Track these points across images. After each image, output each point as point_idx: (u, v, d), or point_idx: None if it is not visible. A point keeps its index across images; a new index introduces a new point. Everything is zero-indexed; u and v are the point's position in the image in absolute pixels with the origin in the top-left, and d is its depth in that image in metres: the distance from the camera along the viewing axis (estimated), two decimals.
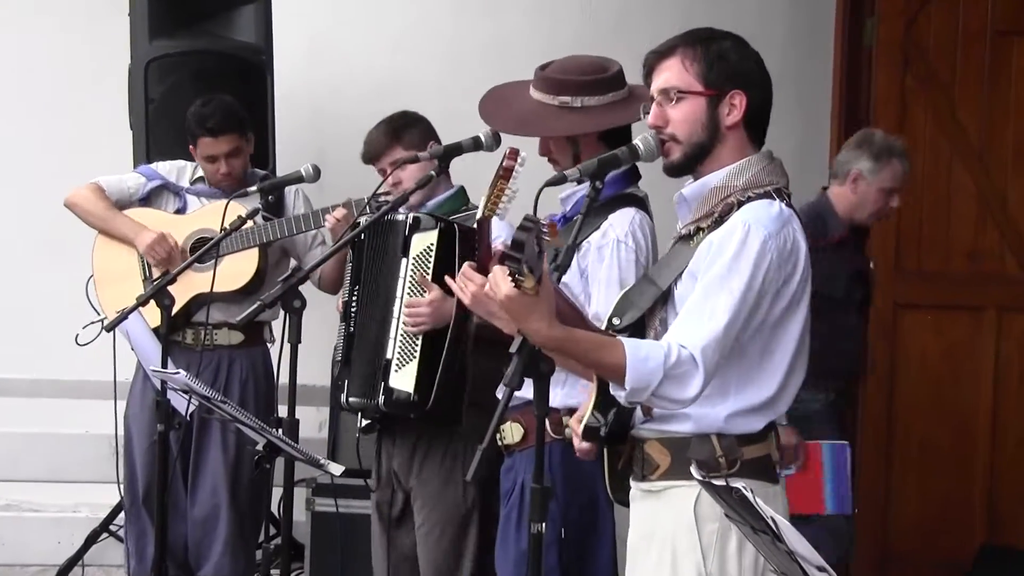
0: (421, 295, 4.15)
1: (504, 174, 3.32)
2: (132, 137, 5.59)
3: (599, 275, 3.69)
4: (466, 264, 3.22)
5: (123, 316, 4.37)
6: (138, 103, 5.52)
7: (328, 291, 5.08)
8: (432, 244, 4.17)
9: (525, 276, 2.57)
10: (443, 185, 4.51)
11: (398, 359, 4.19)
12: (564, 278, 3.75)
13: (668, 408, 2.86)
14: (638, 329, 2.98)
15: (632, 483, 3.05)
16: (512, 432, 3.83)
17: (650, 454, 2.97)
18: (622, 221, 3.72)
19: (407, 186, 4.26)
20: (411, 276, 4.19)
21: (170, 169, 5.23)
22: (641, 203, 3.81)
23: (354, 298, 4.34)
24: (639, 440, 3.00)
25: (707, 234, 2.91)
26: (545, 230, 2.59)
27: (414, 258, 4.19)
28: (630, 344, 2.80)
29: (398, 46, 6.44)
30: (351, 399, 4.28)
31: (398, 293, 4.21)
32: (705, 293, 2.85)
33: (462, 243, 4.18)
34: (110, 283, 5.12)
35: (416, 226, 4.18)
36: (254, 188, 4.52)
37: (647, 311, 2.98)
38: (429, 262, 4.17)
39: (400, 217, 4.22)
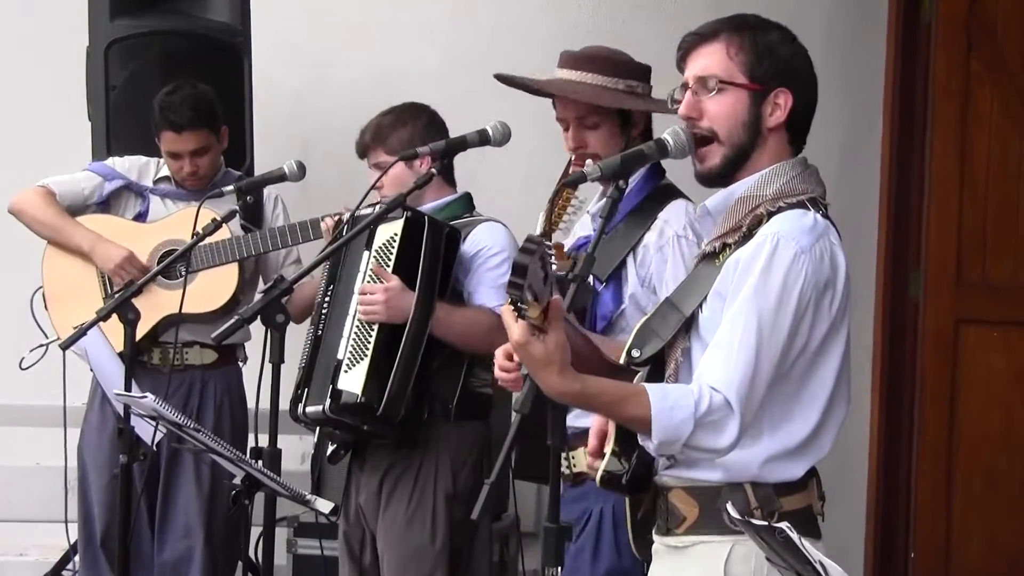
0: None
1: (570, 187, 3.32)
2: (91, 129, 5.60)
3: (665, 277, 3.72)
4: None
5: (81, 332, 4.36)
6: (97, 90, 5.53)
7: (298, 317, 5.07)
8: (396, 234, 4.23)
9: (529, 305, 2.55)
10: (446, 189, 4.54)
11: (349, 358, 4.24)
12: (628, 290, 3.80)
13: (704, 458, 2.86)
14: (659, 361, 2.97)
15: (655, 537, 3.04)
16: (584, 459, 3.82)
17: (675, 504, 2.96)
18: (676, 215, 3.79)
19: (386, 192, 4.31)
20: (371, 269, 4.27)
21: (130, 166, 5.22)
22: (680, 193, 3.85)
23: (327, 299, 4.40)
24: (663, 488, 2.99)
25: (734, 250, 2.91)
26: (551, 251, 2.57)
27: (376, 249, 4.26)
28: (655, 393, 2.80)
29: (392, 27, 6.46)
30: (307, 408, 4.32)
31: (355, 288, 4.28)
32: (733, 320, 2.84)
33: (431, 237, 4.24)
34: (64, 299, 5.11)
35: (382, 215, 4.20)
36: (230, 188, 4.51)
37: (668, 341, 2.97)
38: (391, 253, 4.23)
39: (367, 211, 4.25)
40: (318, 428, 4.50)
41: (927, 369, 6.07)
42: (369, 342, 4.23)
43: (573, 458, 3.86)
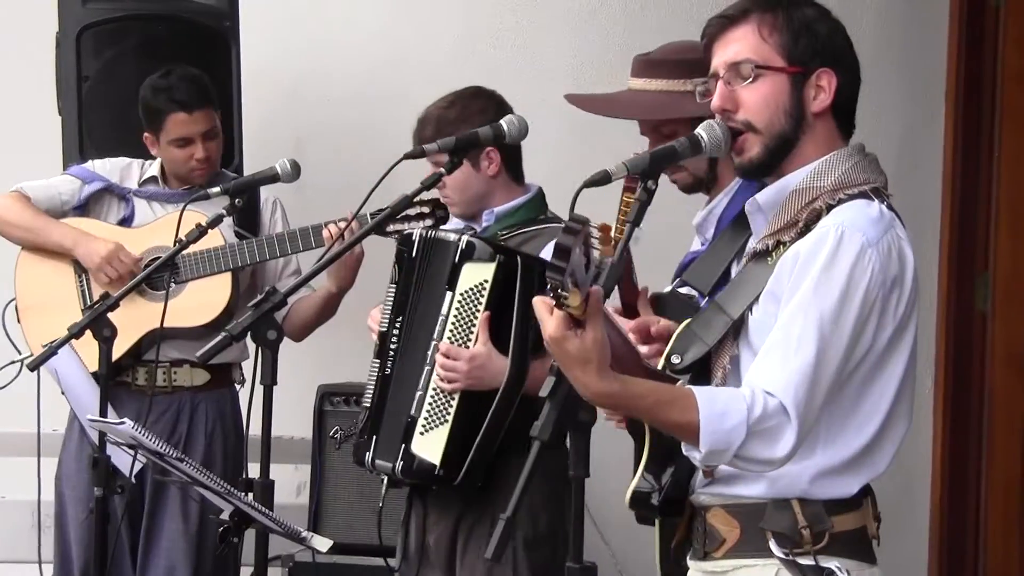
0: (466, 343, 4.19)
1: (632, 184, 3.33)
2: (61, 124, 5.61)
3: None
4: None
5: (51, 351, 4.38)
6: (69, 82, 5.54)
7: (295, 335, 5.11)
8: (486, 281, 4.19)
9: (570, 292, 2.55)
10: (515, 189, 4.51)
11: (425, 420, 4.23)
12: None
13: (756, 471, 2.86)
14: (703, 369, 2.97)
15: (690, 563, 3.05)
16: None
17: (714, 525, 2.97)
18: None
19: (449, 196, 4.37)
20: (455, 317, 4.22)
21: (111, 168, 5.26)
22: None
23: (395, 332, 4.34)
24: (700, 508, 3.00)
25: (790, 247, 2.91)
26: (595, 234, 2.59)
27: (461, 294, 4.22)
28: (703, 396, 2.79)
29: (396, 8, 6.48)
30: (377, 461, 4.31)
31: (435, 334, 4.25)
32: (791, 319, 2.84)
33: (524, 281, 4.19)
34: (38, 311, 5.15)
35: (469, 254, 4.21)
36: (216, 189, 4.50)
37: (714, 346, 2.97)
38: (479, 303, 4.20)
39: (451, 238, 4.25)
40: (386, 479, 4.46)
41: (997, 388, 6.06)
42: (450, 408, 4.21)
43: None
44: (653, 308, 3.75)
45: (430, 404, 4.23)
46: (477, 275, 4.19)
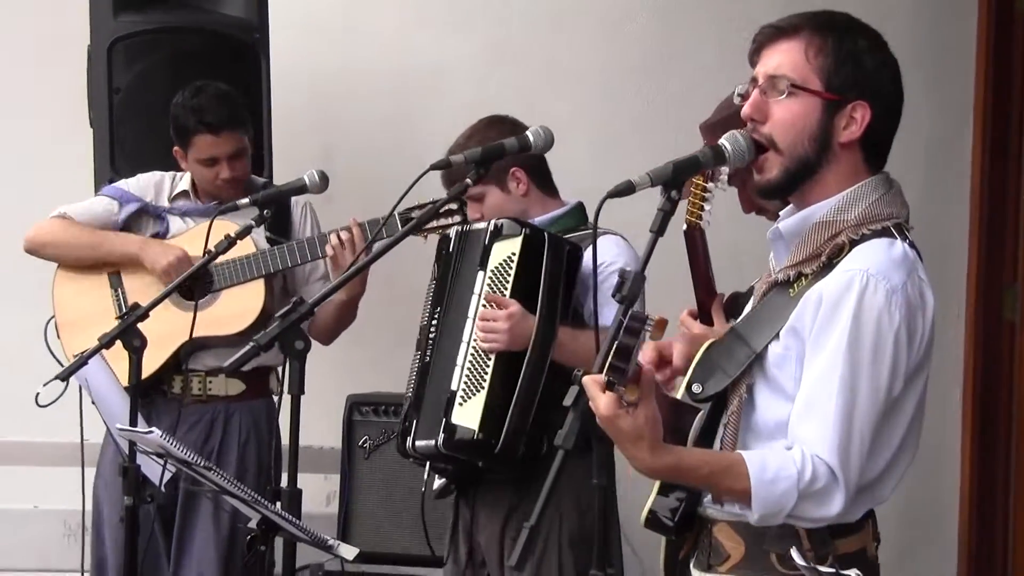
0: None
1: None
2: (92, 136, 5.64)
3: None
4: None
5: (81, 361, 4.40)
6: (100, 94, 5.57)
7: (321, 339, 5.12)
8: (514, 253, 4.33)
9: (627, 388, 2.69)
10: (550, 202, 4.61)
11: (464, 390, 4.32)
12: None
13: (806, 526, 2.91)
14: (719, 397, 2.99)
15: (693, 571, 3.07)
16: None
17: (720, 540, 3.01)
18: None
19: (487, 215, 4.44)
20: (487, 291, 4.36)
21: (145, 186, 5.28)
22: None
23: (434, 322, 4.47)
24: (706, 521, 3.04)
25: (813, 281, 2.91)
26: (650, 330, 2.67)
27: (492, 270, 4.36)
28: (755, 463, 2.85)
29: (423, 21, 6.50)
30: (417, 443, 4.40)
31: (470, 312, 4.36)
32: (826, 376, 2.86)
33: (552, 255, 4.33)
34: (76, 327, 5.16)
35: (498, 233, 4.35)
36: (246, 201, 4.50)
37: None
38: (508, 275, 4.33)
39: (481, 225, 4.41)
40: (427, 463, 4.53)
41: None
42: (486, 373, 4.31)
43: None
44: (727, 310, 3.78)
45: (467, 375, 4.33)
46: (506, 249, 4.34)
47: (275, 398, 5.28)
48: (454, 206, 4.72)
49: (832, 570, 2.50)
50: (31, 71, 6.40)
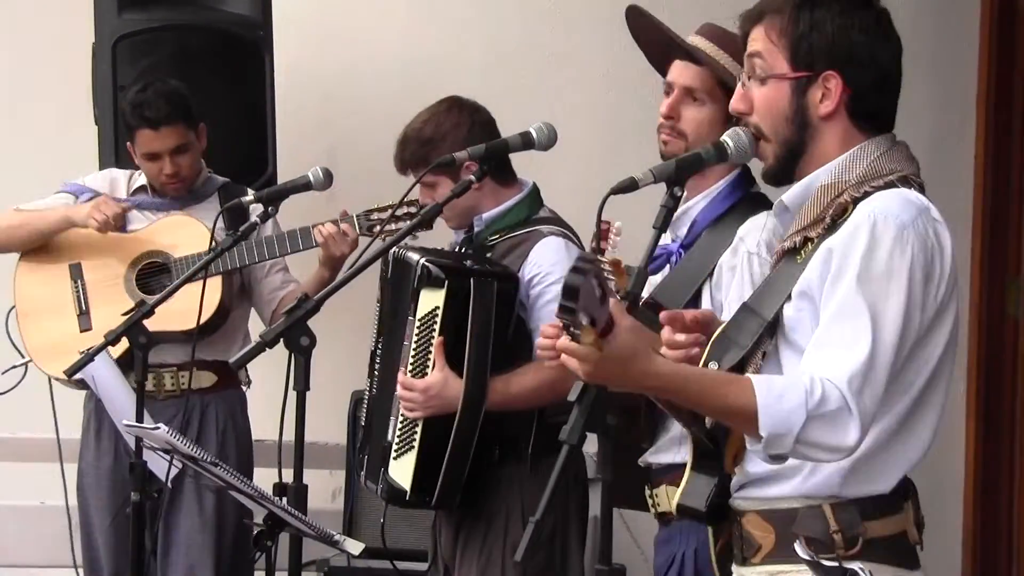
0: (424, 369, 4.28)
1: None
2: (97, 133, 5.67)
3: (729, 298, 3.70)
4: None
5: (88, 358, 4.42)
6: (104, 91, 5.59)
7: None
8: (437, 308, 4.27)
9: (582, 330, 2.54)
10: (503, 192, 4.51)
11: (398, 444, 4.36)
12: None
13: (822, 459, 2.80)
14: (737, 371, 2.89)
15: (734, 569, 3.02)
16: (668, 497, 3.80)
17: (750, 531, 2.95)
18: (752, 229, 3.78)
19: (446, 212, 4.30)
20: (415, 343, 4.32)
21: (102, 182, 5.31)
22: (769, 204, 3.86)
23: (377, 350, 4.49)
24: (737, 513, 2.98)
25: (819, 243, 2.87)
26: (607, 268, 2.57)
27: (419, 320, 4.32)
28: (760, 380, 2.76)
29: (428, 17, 6.51)
30: (367, 482, 4.49)
31: (403, 358, 4.35)
32: (838, 313, 2.79)
33: (479, 302, 4.25)
34: (35, 317, 5.20)
35: (425, 278, 4.27)
36: (250, 197, 4.54)
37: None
38: (434, 329, 4.28)
39: (413, 259, 4.31)
40: None
41: None
42: (415, 433, 4.31)
43: (656, 496, 3.87)
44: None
45: (400, 430, 4.35)
46: (431, 302, 4.28)
47: (244, 389, 5.31)
48: (413, 209, 4.69)
49: (835, 564, 2.47)
50: (36, 68, 6.42)
